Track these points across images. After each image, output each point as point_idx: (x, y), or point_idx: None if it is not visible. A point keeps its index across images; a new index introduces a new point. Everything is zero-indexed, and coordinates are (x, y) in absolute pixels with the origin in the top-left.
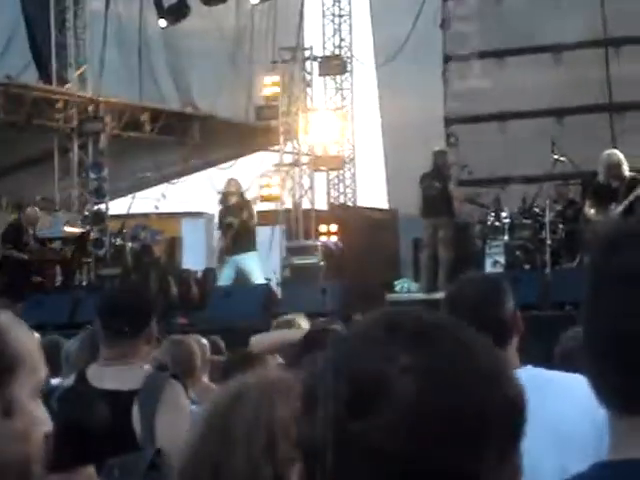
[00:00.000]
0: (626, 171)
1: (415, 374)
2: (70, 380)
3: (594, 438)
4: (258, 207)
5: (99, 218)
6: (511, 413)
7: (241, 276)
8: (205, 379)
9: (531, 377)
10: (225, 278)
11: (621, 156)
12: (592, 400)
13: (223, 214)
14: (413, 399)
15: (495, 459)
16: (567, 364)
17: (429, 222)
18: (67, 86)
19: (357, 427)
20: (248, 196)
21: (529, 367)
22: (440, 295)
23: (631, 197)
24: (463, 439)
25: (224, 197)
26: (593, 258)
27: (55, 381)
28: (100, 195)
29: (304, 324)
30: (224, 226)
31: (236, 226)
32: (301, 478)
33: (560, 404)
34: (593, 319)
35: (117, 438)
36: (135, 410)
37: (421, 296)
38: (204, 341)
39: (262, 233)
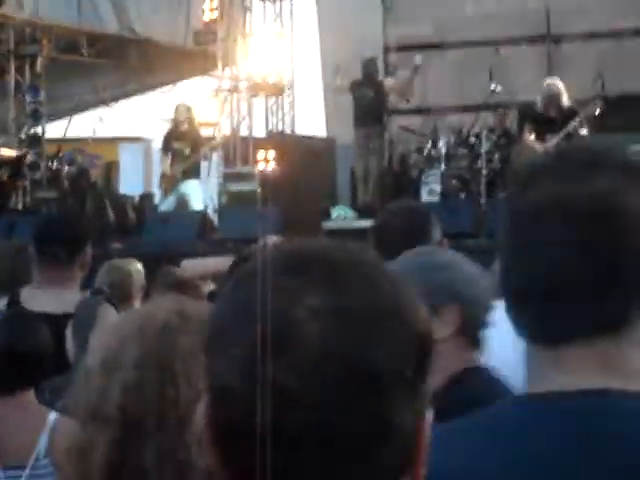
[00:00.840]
0: (566, 101)
1: (321, 316)
2: (2, 302)
3: (522, 367)
4: None
5: (36, 141)
6: (418, 350)
7: (182, 202)
8: (138, 304)
9: None
10: (167, 204)
11: (561, 86)
12: None
13: (171, 139)
14: (317, 341)
15: (402, 399)
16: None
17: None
18: (3, 8)
19: (267, 368)
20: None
21: None
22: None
23: (568, 128)
24: (367, 382)
25: (174, 122)
26: (508, 193)
27: None
28: (37, 118)
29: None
30: (173, 152)
31: (186, 153)
32: (206, 417)
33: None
34: (510, 253)
35: (52, 361)
36: (69, 333)
37: (357, 224)
38: (139, 266)
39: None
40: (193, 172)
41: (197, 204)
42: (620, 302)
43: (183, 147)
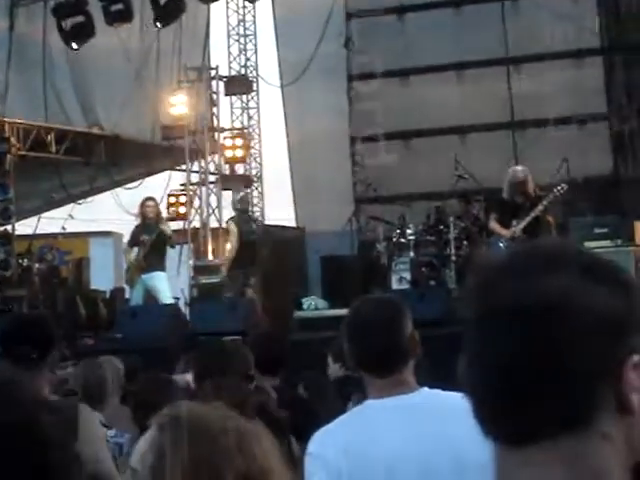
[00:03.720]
0: (531, 188)
1: None
2: None
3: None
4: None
5: (5, 239)
6: None
7: (151, 295)
8: (116, 400)
9: (427, 399)
10: (136, 297)
11: (527, 173)
12: None
13: (139, 231)
14: None
15: None
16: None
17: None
18: None
19: None
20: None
21: (425, 389)
22: (346, 312)
23: (533, 214)
24: None
25: (141, 215)
26: (471, 292)
27: None
28: (6, 216)
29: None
30: (140, 243)
31: (149, 244)
32: None
33: (459, 427)
34: (468, 349)
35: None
36: None
37: (329, 313)
38: (118, 363)
39: (170, 252)
40: (157, 263)
41: (165, 297)
42: (576, 399)
43: (146, 238)
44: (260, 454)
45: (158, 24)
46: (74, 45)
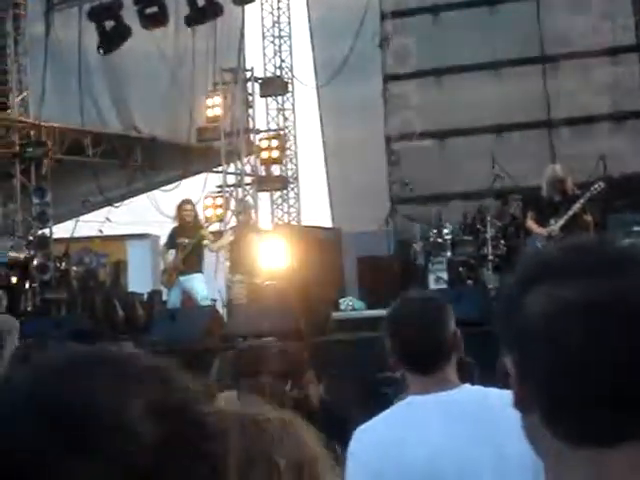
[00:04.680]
0: (569, 186)
1: None
2: None
3: (534, 459)
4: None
5: (43, 243)
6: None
7: (188, 297)
8: None
9: (469, 396)
10: (173, 299)
11: (565, 170)
12: None
13: (177, 233)
14: None
15: None
16: (508, 380)
17: None
18: (8, 112)
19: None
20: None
21: (467, 386)
22: (384, 312)
23: (571, 212)
24: None
25: (179, 218)
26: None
27: None
28: (44, 220)
29: None
30: (177, 246)
31: (190, 247)
32: None
33: (499, 423)
34: (553, 356)
35: None
36: None
37: (367, 313)
38: None
39: (208, 254)
40: (195, 266)
41: (202, 298)
42: None
43: (185, 241)
44: (309, 439)
45: (193, 24)
46: (107, 49)
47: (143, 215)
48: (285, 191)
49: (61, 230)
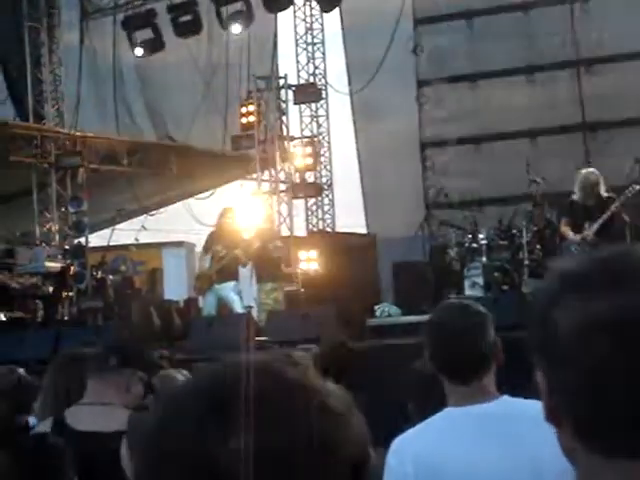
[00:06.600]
0: (603, 190)
1: (244, 455)
2: (47, 423)
3: (571, 473)
4: None
5: (79, 252)
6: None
7: (223, 304)
8: None
9: (507, 408)
10: (209, 306)
11: (598, 175)
12: None
13: (213, 241)
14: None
15: None
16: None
17: None
18: (44, 122)
19: None
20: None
21: (505, 397)
22: (420, 318)
23: (605, 216)
24: None
25: (218, 226)
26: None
27: (31, 420)
28: (80, 229)
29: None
30: (214, 253)
31: (222, 254)
32: None
33: (537, 436)
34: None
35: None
36: (124, 451)
37: (403, 320)
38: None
39: None
40: (229, 273)
41: (237, 306)
42: None
43: (221, 249)
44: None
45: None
46: (142, 52)
47: (178, 223)
48: (320, 198)
49: (97, 239)
